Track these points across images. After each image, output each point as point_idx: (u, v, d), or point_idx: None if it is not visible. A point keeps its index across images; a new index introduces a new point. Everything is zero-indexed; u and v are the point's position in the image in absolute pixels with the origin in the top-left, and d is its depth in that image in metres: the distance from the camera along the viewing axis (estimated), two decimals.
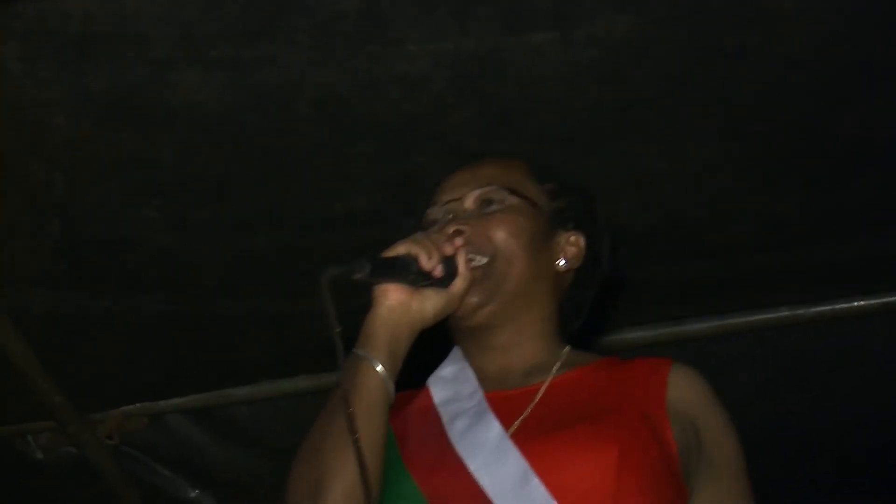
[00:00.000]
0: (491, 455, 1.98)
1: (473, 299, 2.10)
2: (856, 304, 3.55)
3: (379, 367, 1.96)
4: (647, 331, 3.62)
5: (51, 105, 2.66)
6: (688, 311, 3.58)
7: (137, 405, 3.74)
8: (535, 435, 2.00)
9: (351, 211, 3.00)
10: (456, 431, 2.05)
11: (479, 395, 2.11)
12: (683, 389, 2.10)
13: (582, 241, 2.24)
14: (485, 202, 2.17)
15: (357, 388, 1.93)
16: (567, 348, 2.21)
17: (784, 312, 3.58)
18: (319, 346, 3.48)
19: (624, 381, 2.11)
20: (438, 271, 2.00)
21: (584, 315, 2.29)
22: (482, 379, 2.15)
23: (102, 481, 3.83)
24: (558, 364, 2.15)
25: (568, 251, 2.22)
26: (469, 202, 2.18)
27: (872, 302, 3.56)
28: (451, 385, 2.16)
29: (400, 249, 1.99)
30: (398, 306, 2.01)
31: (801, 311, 3.57)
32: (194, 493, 3.98)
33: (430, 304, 2.04)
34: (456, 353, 2.22)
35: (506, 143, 2.86)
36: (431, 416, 2.11)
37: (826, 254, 3.29)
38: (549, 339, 2.20)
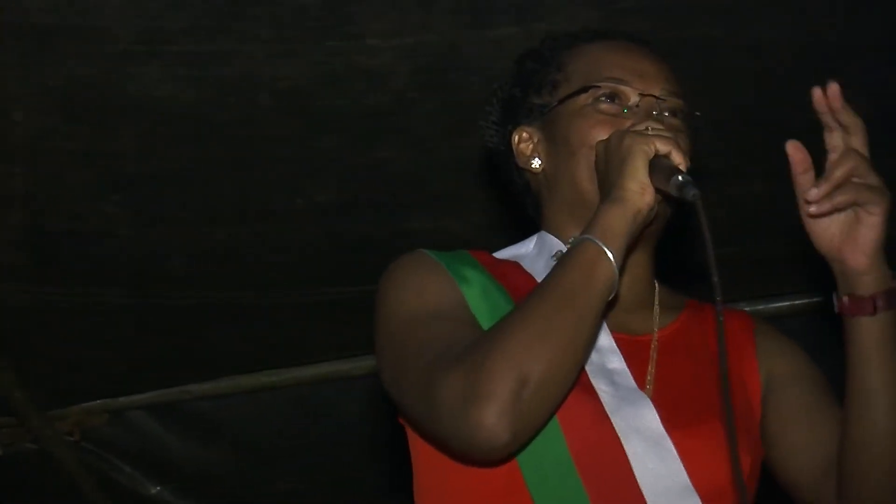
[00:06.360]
0: (651, 449, 1.82)
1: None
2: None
3: (615, 268, 1.74)
4: None
5: (9, 99, 2.64)
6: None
7: (98, 401, 3.72)
8: (669, 418, 1.84)
9: (315, 203, 3.00)
10: (605, 395, 1.83)
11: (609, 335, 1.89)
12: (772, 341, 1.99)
13: None
14: (680, 119, 1.94)
15: (593, 281, 1.72)
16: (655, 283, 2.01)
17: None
18: (282, 342, 3.51)
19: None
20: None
21: None
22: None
23: (63, 477, 3.81)
24: (656, 307, 1.97)
25: None
26: (668, 109, 1.93)
27: None
28: None
29: (676, 158, 1.77)
30: (647, 211, 1.78)
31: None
32: (156, 490, 3.95)
33: (657, 212, 1.82)
34: None
35: (470, 136, 2.86)
36: None
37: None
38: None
